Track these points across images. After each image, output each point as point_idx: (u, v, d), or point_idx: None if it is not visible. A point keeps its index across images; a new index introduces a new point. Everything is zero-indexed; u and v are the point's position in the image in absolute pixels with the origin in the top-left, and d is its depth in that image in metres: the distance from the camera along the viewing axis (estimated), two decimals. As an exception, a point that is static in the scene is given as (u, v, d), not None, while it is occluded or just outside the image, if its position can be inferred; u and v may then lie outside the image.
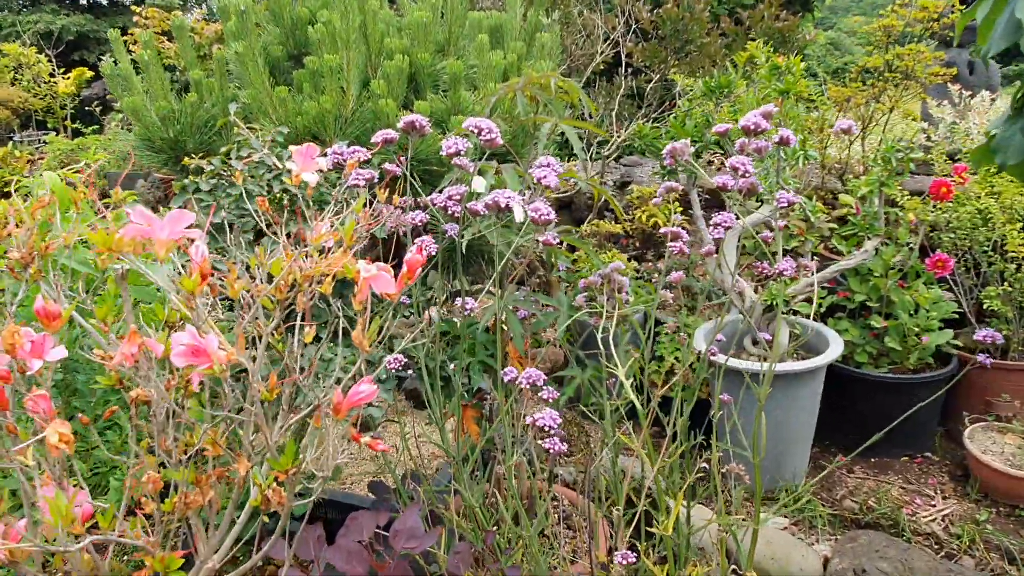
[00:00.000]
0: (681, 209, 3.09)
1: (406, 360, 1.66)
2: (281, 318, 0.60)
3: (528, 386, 1.23)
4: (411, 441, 2.09)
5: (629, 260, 3.00)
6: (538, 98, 1.59)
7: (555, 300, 1.80)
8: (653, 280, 2.83)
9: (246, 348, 0.58)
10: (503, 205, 1.07)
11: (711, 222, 1.33)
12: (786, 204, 1.33)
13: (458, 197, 1.16)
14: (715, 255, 1.64)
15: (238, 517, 0.63)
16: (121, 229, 0.54)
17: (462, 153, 1.14)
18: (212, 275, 0.62)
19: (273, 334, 0.65)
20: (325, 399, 0.54)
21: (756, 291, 2.63)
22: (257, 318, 0.57)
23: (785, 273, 1.36)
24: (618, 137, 2.87)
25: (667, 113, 2.96)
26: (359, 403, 0.53)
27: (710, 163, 3.63)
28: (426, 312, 1.92)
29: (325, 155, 1.44)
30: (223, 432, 0.62)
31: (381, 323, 0.57)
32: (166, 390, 0.57)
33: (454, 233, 1.40)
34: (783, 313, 2.40)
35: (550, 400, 1.25)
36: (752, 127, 1.26)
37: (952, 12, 2.87)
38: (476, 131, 1.13)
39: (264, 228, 0.73)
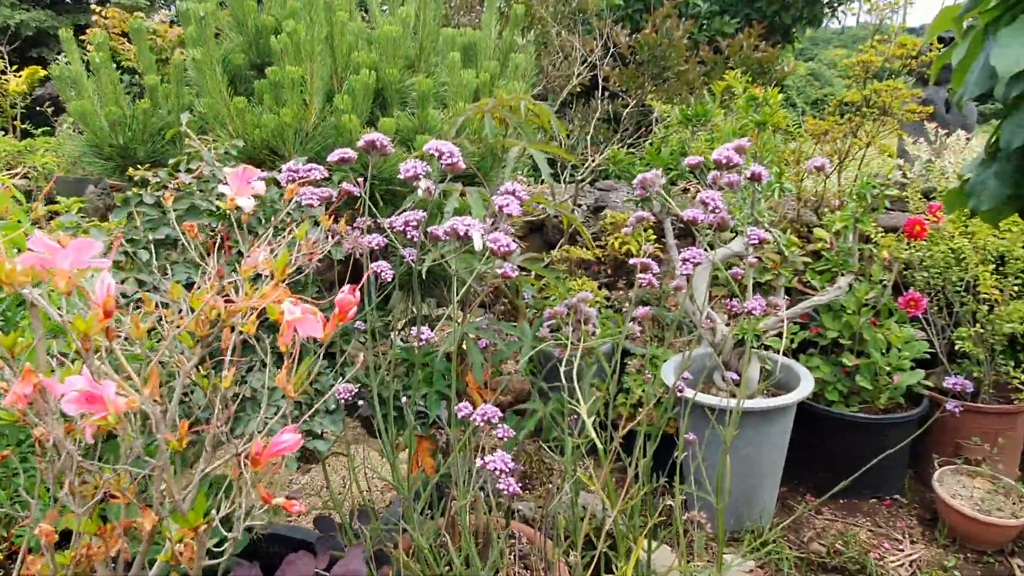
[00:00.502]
0: (655, 237, 3.09)
1: (358, 389, 1.62)
2: (203, 355, 0.56)
3: (482, 423, 1.20)
4: (362, 473, 2.04)
5: (600, 288, 2.99)
6: (508, 121, 1.57)
7: (518, 329, 1.77)
8: (623, 310, 2.82)
9: (161, 389, 0.54)
10: (462, 233, 1.04)
11: (680, 256, 1.31)
12: (757, 241, 1.32)
13: (415, 223, 1.13)
14: (684, 288, 1.63)
15: (150, 571, 0.59)
16: (19, 256, 0.50)
17: (421, 177, 1.11)
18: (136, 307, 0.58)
19: (199, 369, 0.61)
20: (243, 448, 0.50)
21: (728, 323, 2.63)
22: (172, 356, 0.53)
23: (754, 312, 1.35)
24: (592, 161, 2.87)
25: (643, 139, 2.97)
26: (280, 454, 0.49)
27: (686, 191, 3.65)
28: (388, 338, 1.88)
29: (283, 171, 1.40)
30: (135, 478, 0.58)
31: (310, 366, 0.54)
32: (66, 432, 0.53)
33: (411, 259, 1.37)
34: (754, 348, 2.39)
35: (505, 439, 1.21)
36: (724, 161, 1.26)
37: (930, 50, 2.93)
38: (437, 154, 1.10)
39: (196, 257, 0.70)
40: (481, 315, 2.66)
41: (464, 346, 1.77)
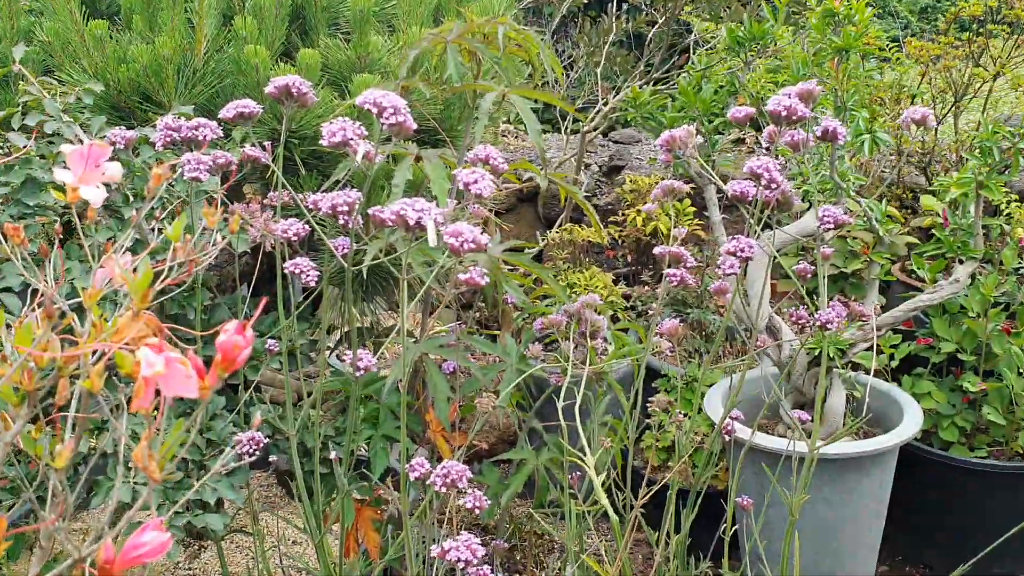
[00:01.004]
0: (693, 210, 3.11)
1: (269, 437, 1.63)
2: (34, 413, 0.57)
3: (444, 487, 1.22)
4: (276, 559, 2.04)
5: (617, 281, 3.01)
6: (480, 55, 1.58)
7: (498, 347, 1.79)
8: (648, 313, 2.84)
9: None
10: (411, 222, 1.05)
11: (724, 249, 1.33)
12: (832, 225, 1.34)
13: (346, 208, 1.14)
14: (729, 292, 1.65)
15: None
16: None
17: (356, 143, 1.12)
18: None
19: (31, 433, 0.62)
20: (88, 552, 0.51)
21: (799, 332, 2.64)
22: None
23: (830, 326, 1.37)
24: (604, 104, 2.88)
25: (677, 71, 2.98)
26: (141, 561, 0.50)
27: (740, 141, 3.67)
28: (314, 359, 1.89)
29: (159, 128, 1.41)
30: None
31: (187, 425, 0.55)
32: None
33: (343, 253, 1.38)
34: (837, 368, 2.42)
35: (477, 509, 1.23)
36: (784, 113, 1.27)
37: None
38: (376, 110, 1.11)
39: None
40: (450, 323, 2.67)
41: (423, 371, 1.78)
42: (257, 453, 1.40)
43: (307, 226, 1.37)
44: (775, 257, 1.56)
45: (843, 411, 2.43)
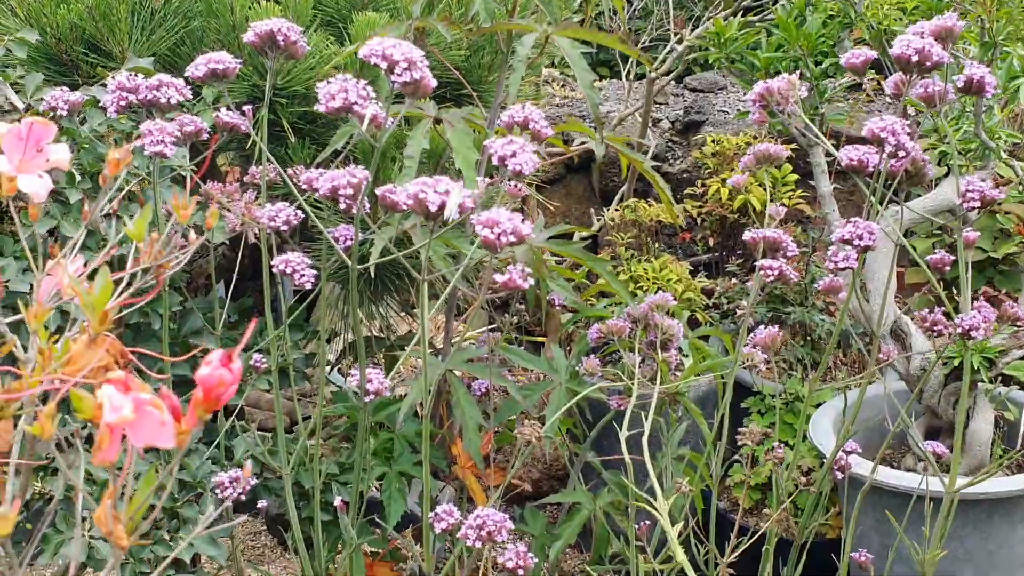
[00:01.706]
0: (796, 178, 3.11)
1: (258, 476, 1.66)
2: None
3: (478, 542, 1.24)
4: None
5: (695, 273, 3.01)
6: (515, -15, 1.59)
7: (543, 361, 1.81)
8: (737, 313, 2.83)
9: None
10: (434, 208, 1.07)
11: (838, 235, 1.34)
12: (977, 201, 1.34)
13: (350, 191, 1.16)
14: (843, 290, 1.66)
15: None
16: None
17: (357, 108, 1.13)
18: None
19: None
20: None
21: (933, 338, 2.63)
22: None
23: (975, 332, 1.37)
24: (677, 41, 2.88)
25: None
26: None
27: (856, 87, 3.66)
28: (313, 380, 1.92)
29: (109, 87, 1.43)
30: None
31: (160, 478, 0.57)
32: None
33: (348, 242, 1.40)
34: (983, 383, 2.40)
35: (520, 569, 1.25)
36: (914, 57, 1.27)
37: None
38: (384, 65, 1.13)
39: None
40: (481, 329, 2.69)
41: (448, 392, 1.80)
42: (243, 497, 1.42)
43: (300, 211, 1.39)
44: (902, 242, 1.56)
45: (990, 438, 2.41)
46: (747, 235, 1.71)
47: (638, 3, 3.47)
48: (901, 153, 1.25)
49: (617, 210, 2.88)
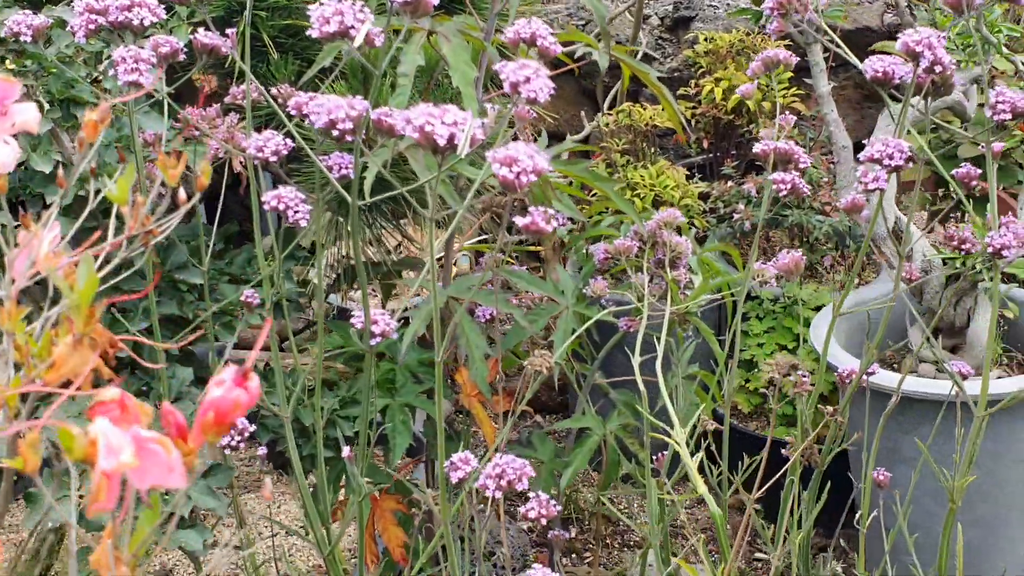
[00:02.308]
0: (790, 75, 3.00)
1: (252, 417, 1.57)
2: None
3: (498, 491, 1.16)
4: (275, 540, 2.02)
5: (691, 176, 2.91)
6: None
7: (549, 283, 1.73)
8: (735, 217, 2.74)
9: None
10: (443, 141, 0.97)
11: (867, 154, 1.24)
12: (1008, 112, 1.25)
13: (349, 125, 1.06)
14: (866, 207, 1.58)
15: None
16: None
17: (354, 32, 1.02)
18: None
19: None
20: None
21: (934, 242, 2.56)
22: None
23: (1006, 252, 1.28)
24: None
25: None
26: None
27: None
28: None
29: (76, 7, 1.32)
30: None
31: (164, 514, 0.48)
32: None
33: (345, 170, 1.31)
34: (983, 282, 2.34)
35: (543, 518, 1.18)
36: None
37: None
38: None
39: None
40: (472, 241, 2.60)
41: (450, 319, 1.72)
42: (241, 444, 1.34)
43: (288, 139, 1.28)
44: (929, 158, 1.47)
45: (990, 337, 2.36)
46: (758, 147, 1.63)
47: None
48: (938, 68, 1.15)
49: (610, 114, 2.77)
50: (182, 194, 0.72)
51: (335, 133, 1.13)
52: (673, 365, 1.73)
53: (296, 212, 1.23)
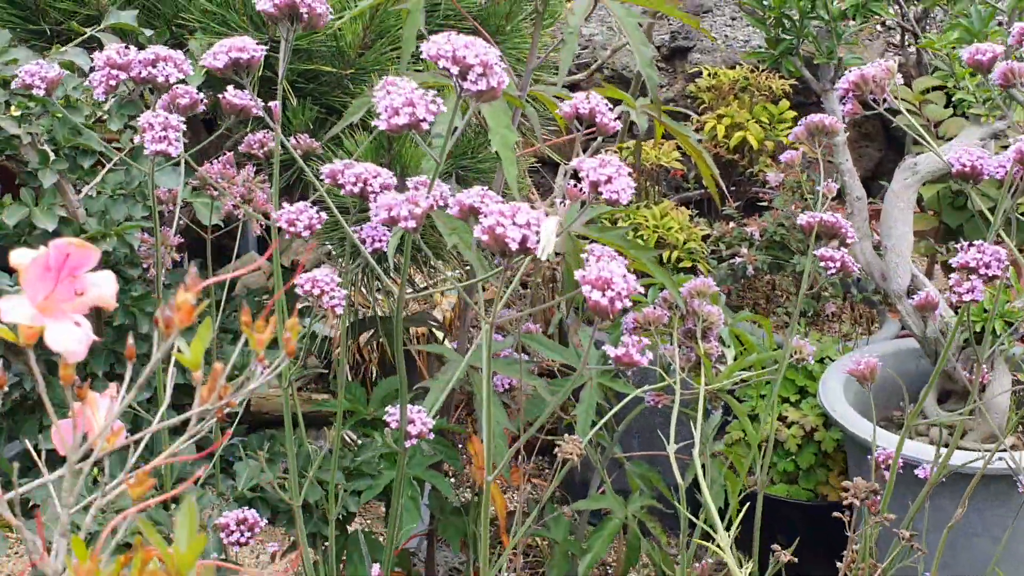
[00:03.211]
0: (794, 116, 2.92)
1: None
2: None
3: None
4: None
5: (692, 214, 2.82)
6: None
7: (571, 351, 1.63)
8: (736, 260, 2.66)
9: None
10: (515, 244, 0.86)
11: (958, 261, 1.15)
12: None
13: (413, 223, 0.95)
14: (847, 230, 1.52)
15: None
16: None
17: (425, 126, 0.92)
18: None
19: None
20: None
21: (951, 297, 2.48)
22: None
23: (990, 269, 1.17)
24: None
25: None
26: None
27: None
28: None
29: (96, 60, 1.21)
30: None
31: None
32: None
33: (379, 243, 1.21)
34: (1003, 345, 2.27)
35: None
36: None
37: None
38: (456, 70, 0.91)
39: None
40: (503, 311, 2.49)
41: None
42: (251, 540, 1.23)
43: (318, 211, 1.17)
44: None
45: (1008, 404, 2.29)
46: (802, 218, 1.56)
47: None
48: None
49: (615, 152, 2.68)
50: (263, 355, 0.61)
51: (385, 223, 1.02)
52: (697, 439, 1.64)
53: (332, 298, 1.11)
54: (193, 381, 0.59)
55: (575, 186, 0.98)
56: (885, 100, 1.24)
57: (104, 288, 0.49)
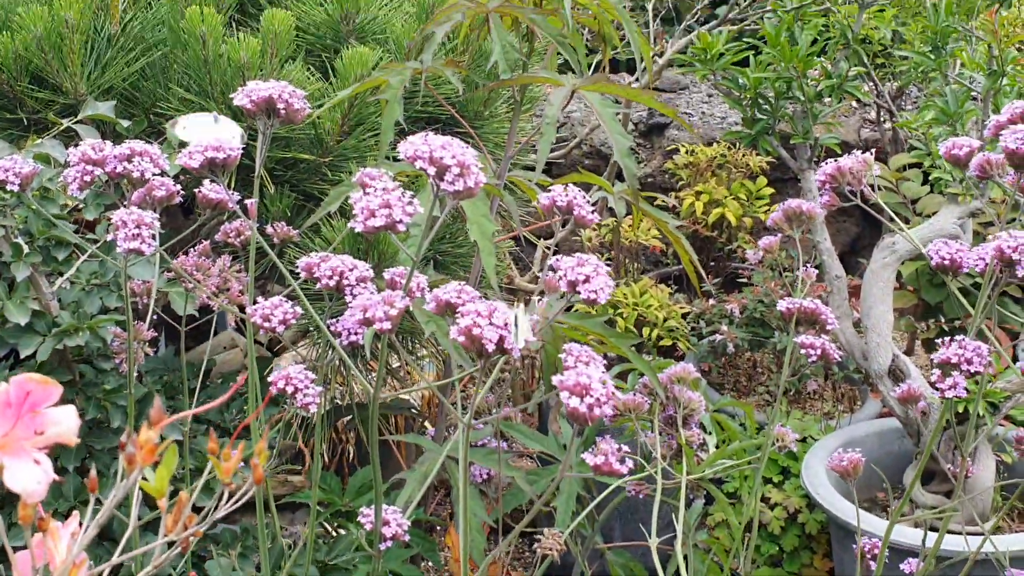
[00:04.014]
0: (772, 192, 2.93)
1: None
2: None
3: None
4: None
5: (668, 285, 2.82)
6: (537, 30, 1.37)
7: (551, 440, 1.62)
8: (718, 335, 2.65)
9: None
10: (491, 346, 0.85)
11: (939, 357, 1.15)
12: None
13: (388, 324, 0.94)
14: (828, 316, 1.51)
15: None
16: None
17: (401, 227, 0.91)
18: None
19: None
20: None
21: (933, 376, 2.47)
22: None
23: (972, 365, 1.17)
24: (658, 55, 2.68)
25: (758, 12, 2.77)
26: None
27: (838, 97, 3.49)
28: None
29: (72, 155, 1.20)
30: None
31: None
32: None
33: (355, 336, 1.19)
34: (985, 427, 2.26)
35: None
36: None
37: None
38: (432, 170, 0.90)
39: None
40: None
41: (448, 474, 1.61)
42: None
43: (294, 305, 1.16)
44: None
45: (992, 485, 2.28)
46: (782, 305, 1.55)
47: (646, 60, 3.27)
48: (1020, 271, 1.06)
49: (595, 230, 2.68)
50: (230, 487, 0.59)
51: (360, 322, 1.01)
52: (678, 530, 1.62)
53: (306, 395, 1.10)
54: (159, 509, 0.57)
55: (555, 278, 0.98)
56: (862, 192, 1.24)
57: (65, 424, 0.48)
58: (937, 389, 1.19)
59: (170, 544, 0.57)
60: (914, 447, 2.31)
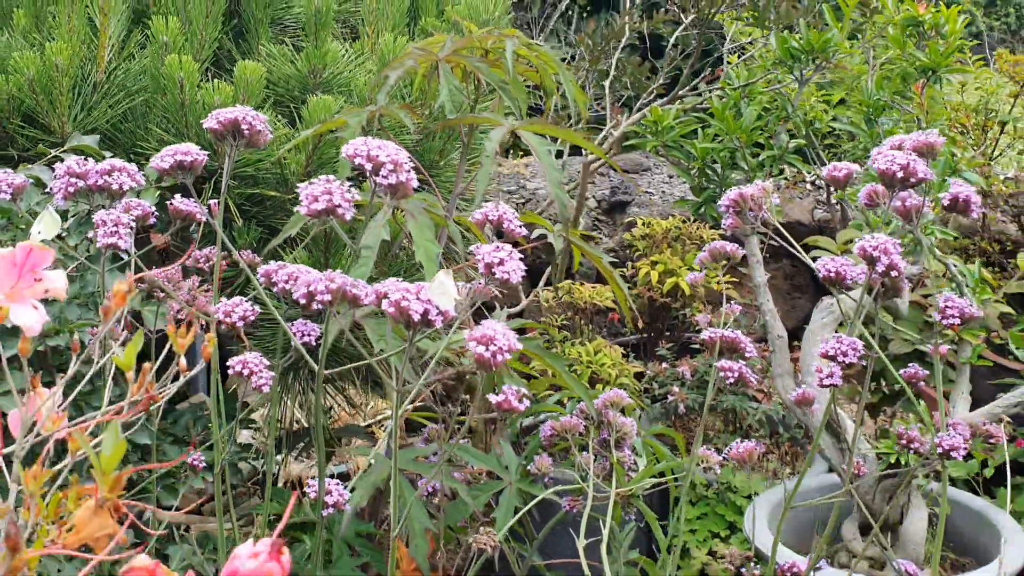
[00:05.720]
0: (725, 265, 3.09)
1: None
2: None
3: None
4: None
5: (626, 355, 2.96)
6: (481, 77, 1.55)
7: (492, 458, 1.75)
8: (669, 399, 2.79)
9: None
10: (417, 317, 1.00)
11: (821, 350, 1.30)
12: (957, 319, 1.31)
13: (328, 297, 1.09)
14: (816, 402, 1.64)
15: None
16: None
17: (341, 211, 1.07)
18: None
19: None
20: None
21: (868, 430, 2.61)
22: None
23: (955, 454, 1.34)
24: (612, 128, 2.86)
25: (707, 87, 2.97)
26: None
27: (789, 185, 3.68)
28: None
29: (58, 173, 1.35)
30: None
31: None
32: None
33: (308, 337, 1.34)
34: (917, 479, 2.39)
35: None
36: (898, 173, 1.24)
37: None
38: (369, 166, 1.07)
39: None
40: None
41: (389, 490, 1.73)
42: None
43: (255, 305, 1.31)
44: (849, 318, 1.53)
45: (924, 536, 2.40)
46: (705, 334, 1.69)
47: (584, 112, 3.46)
48: (894, 273, 1.22)
49: (551, 290, 2.83)
50: (183, 362, 0.75)
51: (303, 302, 1.16)
52: (612, 549, 1.74)
53: (260, 378, 1.25)
54: (127, 380, 0.72)
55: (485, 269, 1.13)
56: (762, 216, 1.40)
57: (57, 282, 0.64)
58: (818, 378, 1.34)
59: (133, 403, 0.72)
60: (852, 502, 2.44)
